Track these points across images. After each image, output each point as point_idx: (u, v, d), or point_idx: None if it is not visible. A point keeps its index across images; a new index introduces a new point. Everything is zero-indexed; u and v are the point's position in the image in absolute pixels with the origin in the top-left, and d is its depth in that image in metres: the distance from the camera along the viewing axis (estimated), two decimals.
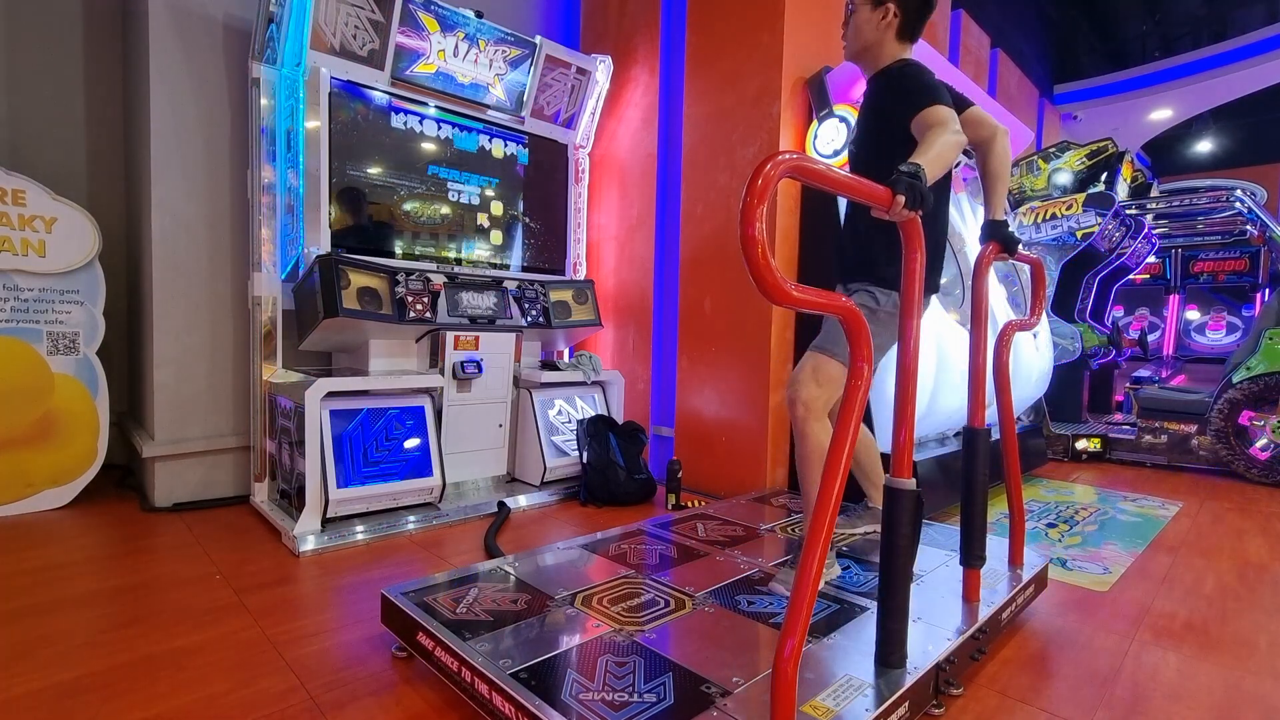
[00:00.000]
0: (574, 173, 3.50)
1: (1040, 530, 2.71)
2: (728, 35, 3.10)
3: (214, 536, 2.36)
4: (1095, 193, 4.31)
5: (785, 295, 0.96)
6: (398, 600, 1.53)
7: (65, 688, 1.39)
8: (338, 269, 2.47)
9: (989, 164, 1.83)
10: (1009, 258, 1.78)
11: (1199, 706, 1.42)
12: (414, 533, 2.46)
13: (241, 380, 2.83)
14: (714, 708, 1.14)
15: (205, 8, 2.70)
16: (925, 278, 1.59)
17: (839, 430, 1.06)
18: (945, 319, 2.82)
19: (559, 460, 3.03)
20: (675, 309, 3.36)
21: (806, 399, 1.73)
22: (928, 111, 1.57)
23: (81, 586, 1.91)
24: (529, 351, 3.34)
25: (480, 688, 1.24)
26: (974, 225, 3.35)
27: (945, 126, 1.51)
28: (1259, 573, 2.27)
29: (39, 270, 2.56)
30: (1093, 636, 1.75)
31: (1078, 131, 7.72)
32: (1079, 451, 4.23)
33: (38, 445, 2.56)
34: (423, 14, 2.79)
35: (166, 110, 2.62)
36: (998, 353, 1.84)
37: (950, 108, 1.58)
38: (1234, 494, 3.44)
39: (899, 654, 1.30)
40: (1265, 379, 3.67)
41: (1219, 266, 6.54)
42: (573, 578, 1.74)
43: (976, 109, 1.82)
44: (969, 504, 1.71)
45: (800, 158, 0.98)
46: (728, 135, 3.08)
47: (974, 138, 1.80)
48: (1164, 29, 6.80)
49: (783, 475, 2.99)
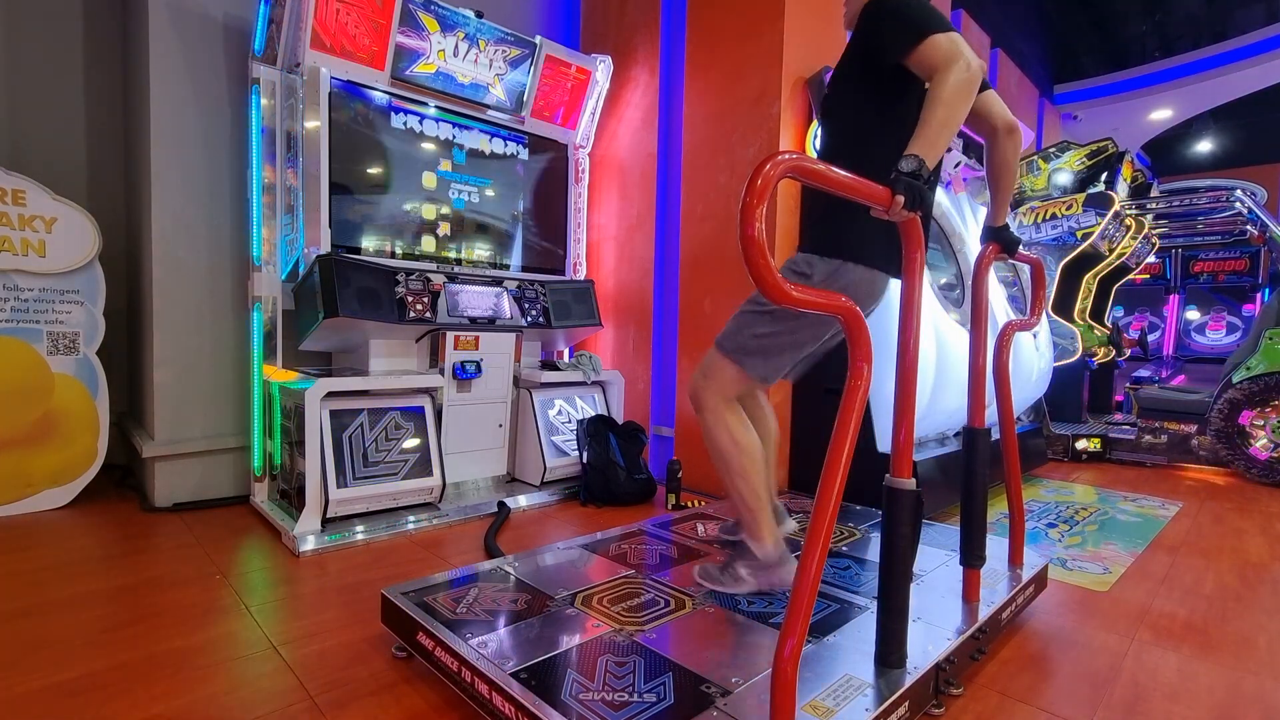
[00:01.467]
0: (574, 173, 3.50)
1: (1040, 530, 2.71)
2: (728, 35, 3.10)
3: (214, 536, 2.36)
4: (1095, 193, 4.30)
5: (785, 295, 0.96)
6: (398, 600, 1.53)
7: (65, 688, 1.39)
8: (338, 269, 2.47)
9: (997, 159, 1.67)
10: (1009, 258, 1.77)
11: (1199, 706, 1.42)
12: (414, 533, 2.46)
13: (242, 380, 2.83)
14: (714, 708, 1.14)
15: (205, 8, 2.70)
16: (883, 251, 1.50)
17: (839, 430, 1.06)
18: (945, 319, 2.82)
19: (559, 460, 3.03)
20: (675, 309, 3.36)
21: (692, 392, 1.67)
22: (926, 46, 1.33)
23: (81, 586, 1.91)
24: (529, 351, 3.34)
25: (480, 688, 1.24)
26: (974, 226, 3.35)
27: (949, 67, 1.29)
28: (1259, 573, 2.27)
29: (39, 270, 2.57)
30: (1093, 636, 1.75)
31: (1078, 131, 7.72)
32: (1079, 451, 4.23)
33: (38, 445, 2.56)
34: (423, 14, 2.79)
35: (166, 110, 2.62)
36: (998, 353, 1.84)
37: (951, 32, 1.35)
38: (1234, 494, 3.44)
39: (899, 654, 1.30)
40: (1265, 379, 3.67)
41: (1219, 266, 6.55)
42: (573, 578, 1.74)
43: (992, 94, 1.64)
44: (969, 504, 1.71)
45: (800, 158, 0.98)
46: (728, 135, 3.08)
47: (986, 129, 1.66)
48: (1164, 29, 6.80)
49: (783, 475, 2.99)
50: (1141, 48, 7.18)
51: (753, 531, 1.62)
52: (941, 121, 1.26)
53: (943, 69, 1.30)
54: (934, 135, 1.26)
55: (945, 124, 1.27)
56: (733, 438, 1.61)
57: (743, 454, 1.60)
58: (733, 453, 1.60)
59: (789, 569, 1.61)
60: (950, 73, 1.28)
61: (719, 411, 1.62)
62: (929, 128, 1.26)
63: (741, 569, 1.64)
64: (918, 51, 1.34)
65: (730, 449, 1.60)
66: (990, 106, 1.64)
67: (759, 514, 1.61)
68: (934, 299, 2.80)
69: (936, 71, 1.31)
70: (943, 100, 1.27)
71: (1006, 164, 1.68)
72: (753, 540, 1.62)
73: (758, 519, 1.61)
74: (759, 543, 1.61)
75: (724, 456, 1.62)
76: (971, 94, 1.30)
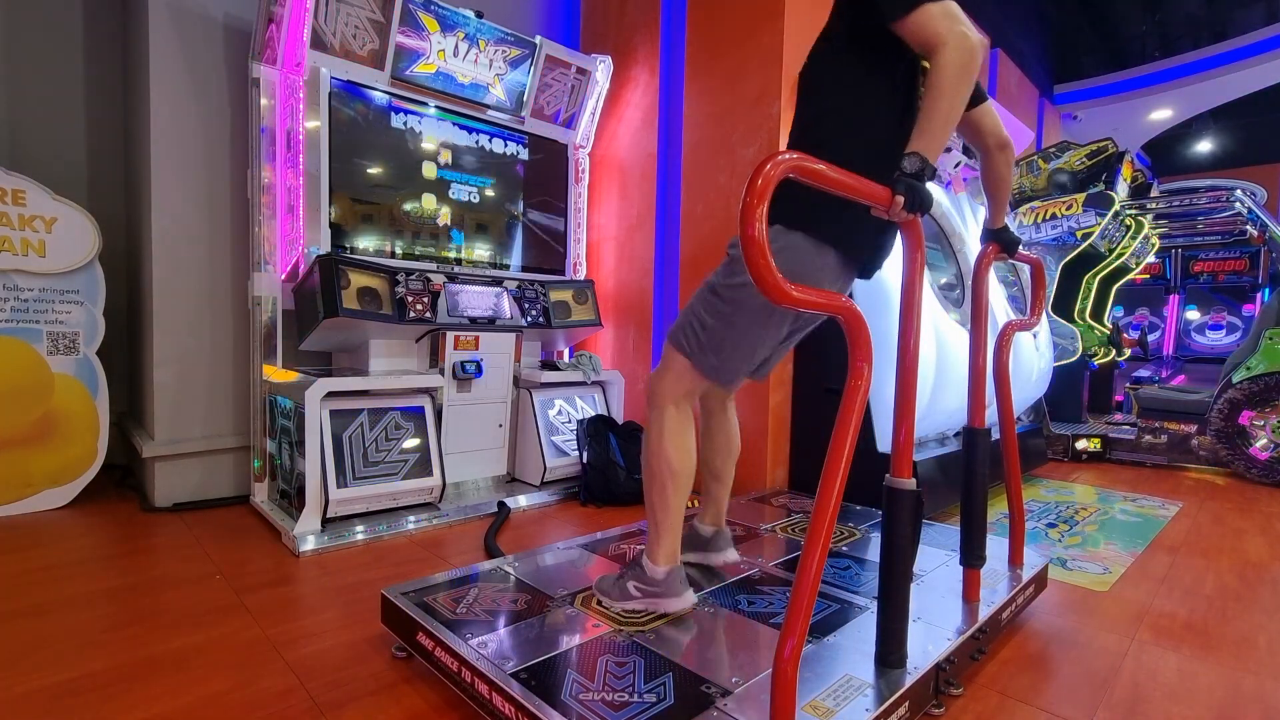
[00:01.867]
0: (574, 173, 3.50)
1: (1040, 530, 2.71)
2: (728, 35, 3.10)
3: (214, 536, 2.36)
4: (1095, 193, 4.30)
5: (785, 295, 0.96)
6: (397, 600, 1.53)
7: (65, 688, 1.39)
8: (338, 269, 2.47)
9: (992, 175, 1.69)
10: (1009, 258, 1.78)
11: (1199, 706, 1.42)
12: (414, 533, 2.46)
13: (242, 380, 2.83)
14: (714, 708, 1.14)
15: (205, 8, 2.70)
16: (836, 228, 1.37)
17: (839, 430, 1.06)
18: (945, 319, 2.82)
19: (559, 460, 3.03)
20: (675, 309, 3.36)
21: (648, 385, 1.57)
22: (920, 14, 1.21)
23: (81, 586, 1.91)
24: (529, 351, 3.34)
25: (480, 688, 1.24)
26: (974, 226, 3.35)
27: (946, 45, 1.18)
28: (1259, 573, 2.27)
29: (39, 270, 2.56)
30: (1093, 636, 1.75)
31: (1078, 131, 7.72)
32: (1079, 451, 4.23)
33: (38, 445, 2.56)
34: (423, 14, 2.79)
35: (166, 110, 2.62)
36: (998, 353, 1.84)
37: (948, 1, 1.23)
38: (1234, 494, 3.44)
39: (899, 654, 1.30)
40: (1265, 379, 3.67)
41: (1219, 266, 6.54)
42: (573, 578, 1.74)
43: (988, 107, 1.60)
44: (969, 504, 1.71)
45: (800, 157, 0.98)
46: (728, 135, 3.08)
47: (979, 144, 1.65)
48: (1164, 29, 6.80)
49: (783, 475, 2.99)
50: (1141, 48, 7.18)
51: (650, 548, 1.53)
52: (945, 115, 1.19)
53: (940, 47, 1.19)
54: (938, 130, 1.19)
55: (949, 116, 1.20)
56: (667, 451, 1.49)
57: (672, 473, 1.49)
58: (661, 467, 1.50)
59: (677, 601, 1.50)
60: (949, 52, 1.18)
61: (665, 412, 1.51)
62: (932, 122, 1.19)
63: (631, 584, 1.54)
64: (911, 19, 1.22)
65: (659, 461, 1.50)
66: (983, 122, 1.61)
67: (664, 534, 1.51)
68: (934, 299, 2.80)
69: (933, 50, 1.20)
70: (944, 91, 1.18)
71: (1001, 178, 1.69)
72: (648, 557, 1.53)
73: (660, 538, 1.51)
74: (652, 562, 1.52)
75: (650, 464, 1.52)
76: (974, 73, 1.20)
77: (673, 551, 1.53)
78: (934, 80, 1.20)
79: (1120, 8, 6.41)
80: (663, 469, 1.50)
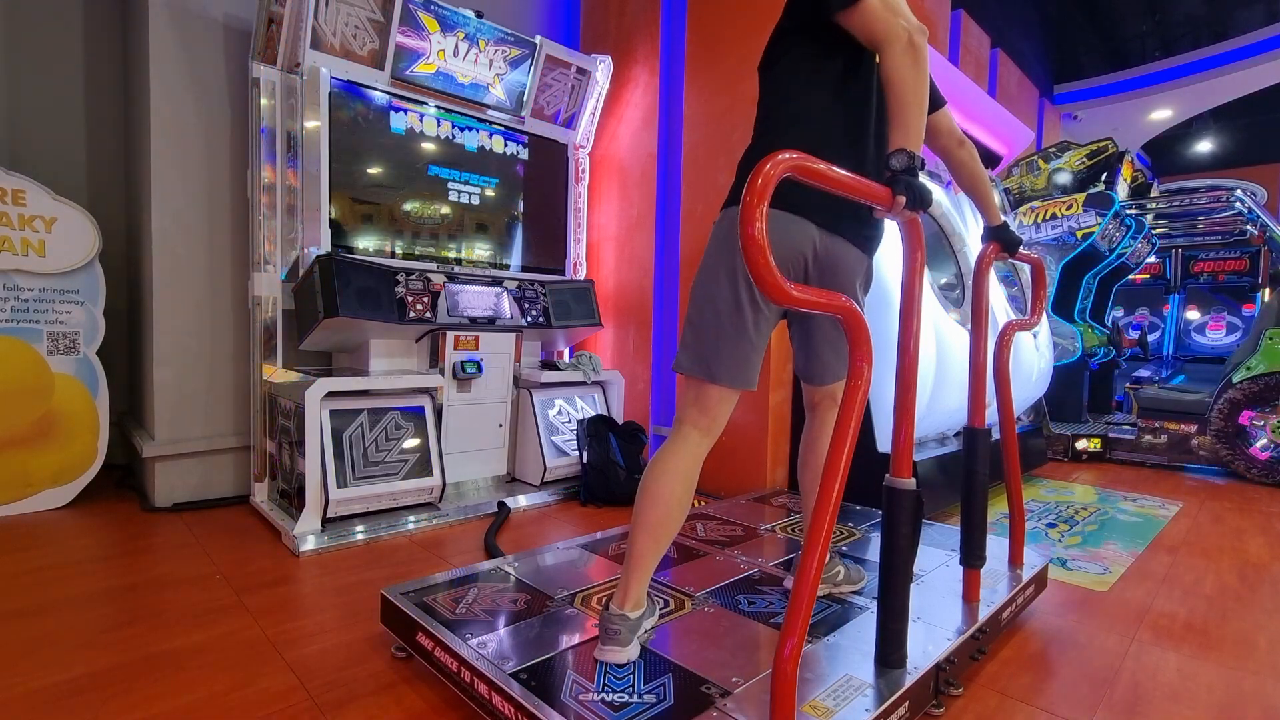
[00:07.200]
0: (574, 173, 3.50)
1: (1040, 530, 2.71)
2: (727, 35, 3.10)
3: (214, 536, 2.36)
4: (1095, 193, 4.31)
5: (785, 295, 0.96)
6: (397, 600, 1.53)
7: (65, 688, 1.39)
8: (338, 269, 2.47)
9: (963, 173, 1.69)
10: (1010, 258, 1.77)
11: (1199, 706, 1.42)
12: (414, 533, 2.46)
13: (241, 380, 2.83)
14: (714, 708, 1.14)
15: (205, 8, 2.70)
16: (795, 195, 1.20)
17: (839, 430, 1.06)
18: (945, 319, 2.81)
19: (559, 460, 3.03)
20: (675, 309, 3.36)
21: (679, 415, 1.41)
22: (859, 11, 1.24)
23: (81, 586, 1.91)
24: (529, 351, 3.34)
25: (480, 688, 1.24)
26: (974, 226, 3.35)
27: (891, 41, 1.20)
28: (1259, 573, 2.27)
29: (39, 270, 2.56)
30: (1093, 636, 1.75)
31: (1078, 131, 7.72)
32: (1079, 451, 4.23)
33: (38, 445, 2.56)
34: (423, 14, 2.79)
35: (166, 110, 2.62)
36: (998, 353, 1.84)
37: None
38: (1234, 494, 3.44)
39: (899, 654, 1.30)
40: (1265, 379, 3.67)
41: (1219, 266, 6.53)
42: (572, 578, 1.74)
43: (944, 112, 1.64)
44: (969, 504, 1.71)
45: (800, 157, 0.98)
46: (728, 135, 3.08)
47: (940, 146, 1.67)
48: (1164, 29, 6.80)
49: (783, 475, 2.99)
50: (1141, 48, 7.18)
51: (623, 588, 1.34)
52: (915, 105, 1.20)
53: (885, 43, 1.21)
54: (913, 121, 1.19)
55: (919, 105, 1.20)
56: (669, 490, 1.33)
57: (664, 515, 1.33)
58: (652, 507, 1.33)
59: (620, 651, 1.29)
60: (897, 47, 1.20)
61: (681, 431, 1.37)
62: (905, 115, 1.20)
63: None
64: (851, 15, 1.26)
65: (654, 500, 1.33)
66: (941, 124, 1.65)
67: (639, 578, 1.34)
68: (934, 299, 2.80)
69: (879, 45, 1.23)
70: (906, 84, 1.20)
71: (973, 173, 1.70)
72: (619, 596, 1.34)
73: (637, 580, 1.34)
74: (620, 604, 1.33)
75: (644, 501, 1.34)
76: (924, 57, 1.21)
77: (639, 597, 1.35)
78: (892, 77, 1.21)
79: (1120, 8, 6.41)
80: (656, 514, 1.33)
